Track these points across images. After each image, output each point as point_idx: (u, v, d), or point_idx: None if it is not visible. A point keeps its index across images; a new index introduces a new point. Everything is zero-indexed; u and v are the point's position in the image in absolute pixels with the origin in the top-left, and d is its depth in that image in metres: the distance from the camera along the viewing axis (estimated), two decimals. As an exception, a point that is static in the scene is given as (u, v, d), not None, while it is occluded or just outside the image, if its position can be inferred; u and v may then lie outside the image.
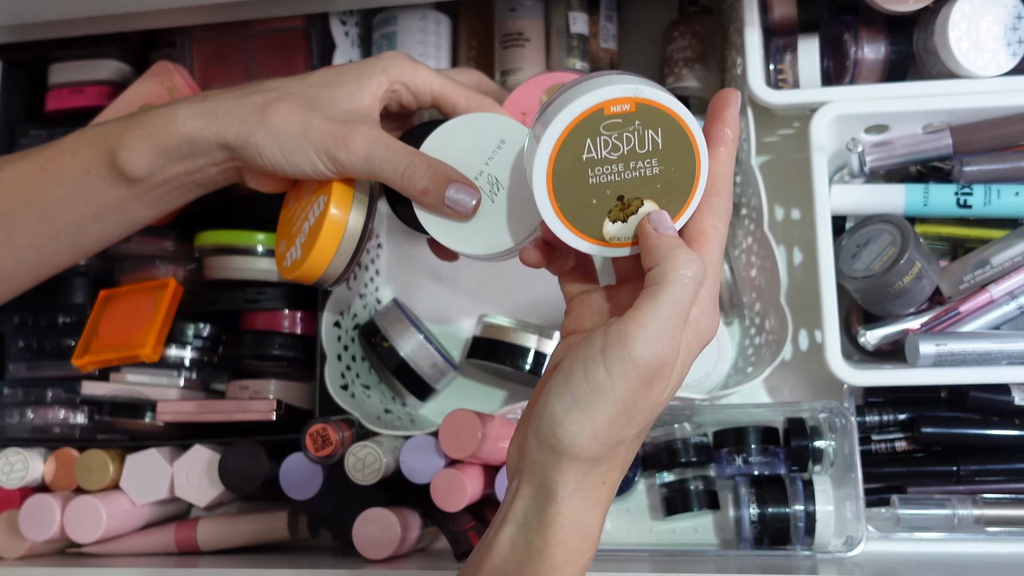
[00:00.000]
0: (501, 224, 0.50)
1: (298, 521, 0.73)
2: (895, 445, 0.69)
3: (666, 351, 0.39)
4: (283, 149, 0.52)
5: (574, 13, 0.77)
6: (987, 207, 0.67)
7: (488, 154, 0.51)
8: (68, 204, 0.55)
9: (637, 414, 0.41)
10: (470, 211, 0.50)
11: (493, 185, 0.50)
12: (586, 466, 0.41)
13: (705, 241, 0.42)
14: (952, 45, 0.66)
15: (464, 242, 0.50)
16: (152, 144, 0.53)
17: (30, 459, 0.71)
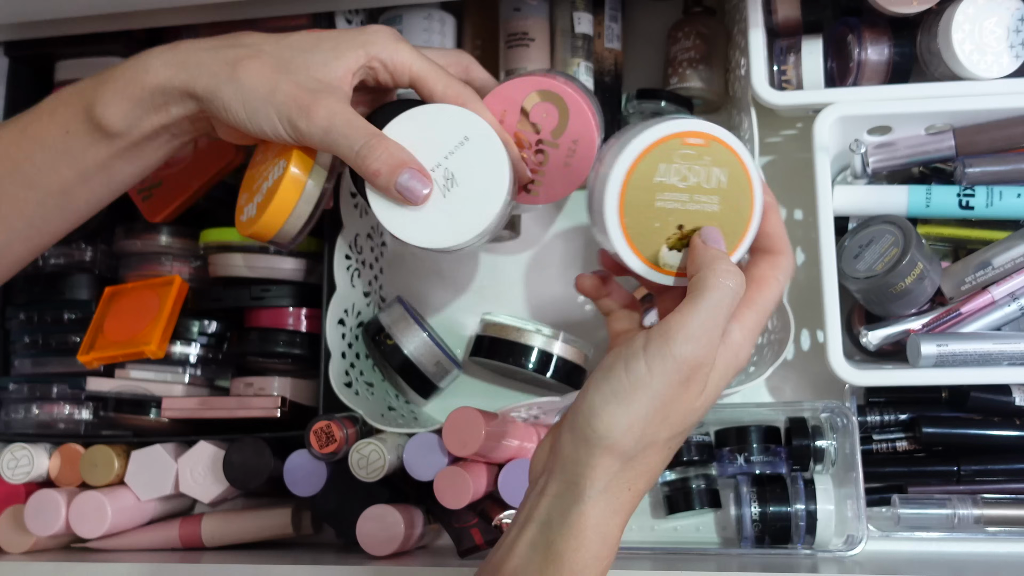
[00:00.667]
0: (448, 220, 0.50)
1: (302, 517, 0.73)
2: (896, 445, 0.70)
3: (703, 350, 0.42)
4: (247, 108, 0.51)
5: (579, 13, 0.77)
6: (989, 209, 0.67)
7: (450, 148, 0.51)
8: (52, 168, 0.54)
9: (672, 415, 0.42)
10: (419, 200, 0.50)
11: (448, 180, 0.50)
12: (618, 463, 0.42)
13: (765, 286, 0.45)
14: (955, 47, 0.66)
15: (405, 230, 0.51)
16: (127, 96, 0.52)
17: (35, 454, 0.71)
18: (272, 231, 0.54)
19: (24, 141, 0.54)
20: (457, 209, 0.50)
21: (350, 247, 0.74)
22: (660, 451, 0.43)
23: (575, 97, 0.54)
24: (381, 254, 0.80)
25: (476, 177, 0.50)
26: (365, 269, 0.76)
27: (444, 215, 0.50)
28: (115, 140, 0.53)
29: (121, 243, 0.76)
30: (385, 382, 0.77)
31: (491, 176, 0.50)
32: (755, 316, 0.44)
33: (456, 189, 0.50)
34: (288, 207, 0.53)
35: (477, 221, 0.50)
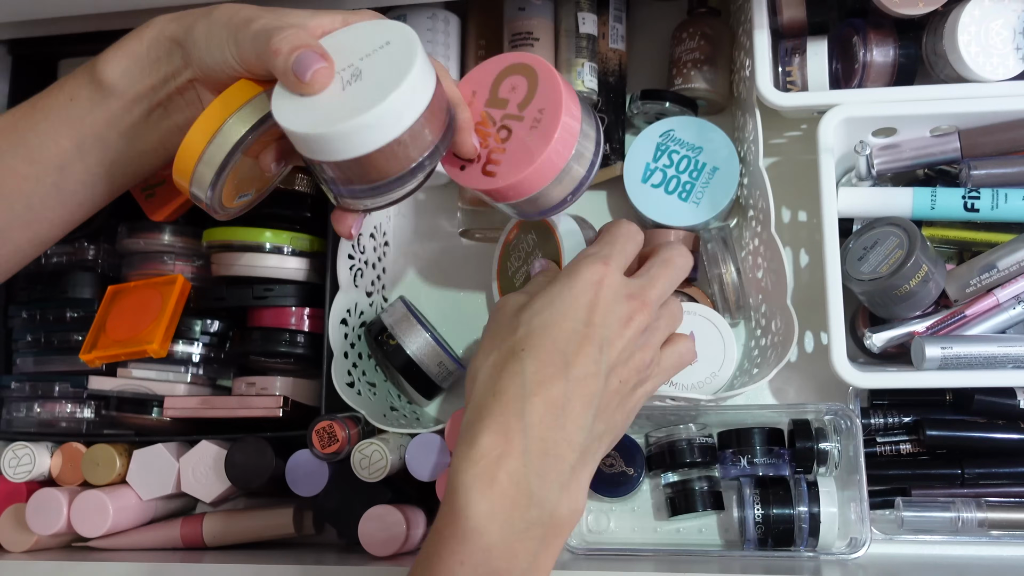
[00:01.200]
0: (337, 108, 0.46)
1: (303, 517, 0.73)
2: (900, 448, 0.70)
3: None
4: (208, 36, 0.51)
5: (583, 13, 0.77)
6: (994, 211, 0.67)
7: (368, 51, 0.48)
8: (52, 138, 0.55)
9: (499, 327, 0.51)
10: (306, 75, 0.46)
11: (355, 76, 0.47)
12: (474, 384, 0.51)
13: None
14: (961, 49, 0.66)
15: (295, 118, 0.47)
16: (126, 51, 0.53)
17: (37, 453, 0.71)
18: (184, 171, 0.50)
19: (33, 112, 0.55)
20: (350, 100, 0.46)
21: (353, 247, 0.74)
22: (501, 354, 0.49)
23: (547, 67, 0.51)
24: (384, 254, 0.80)
25: (383, 73, 0.46)
26: (368, 269, 0.76)
27: (335, 105, 0.46)
28: (111, 100, 0.54)
29: (124, 242, 0.76)
30: (387, 382, 0.77)
31: (398, 71, 0.46)
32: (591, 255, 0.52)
33: (358, 83, 0.47)
34: (201, 140, 0.49)
35: (362, 108, 0.45)
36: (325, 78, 0.47)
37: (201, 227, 0.75)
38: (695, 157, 0.74)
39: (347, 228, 0.55)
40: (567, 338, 0.48)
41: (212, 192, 0.51)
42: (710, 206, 0.73)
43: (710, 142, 0.74)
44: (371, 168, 0.47)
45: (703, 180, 0.73)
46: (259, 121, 0.50)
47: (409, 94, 0.46)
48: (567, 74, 0.76)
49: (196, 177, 0.50)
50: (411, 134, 0.46)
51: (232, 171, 0.50)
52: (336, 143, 0.46)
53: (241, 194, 0.55)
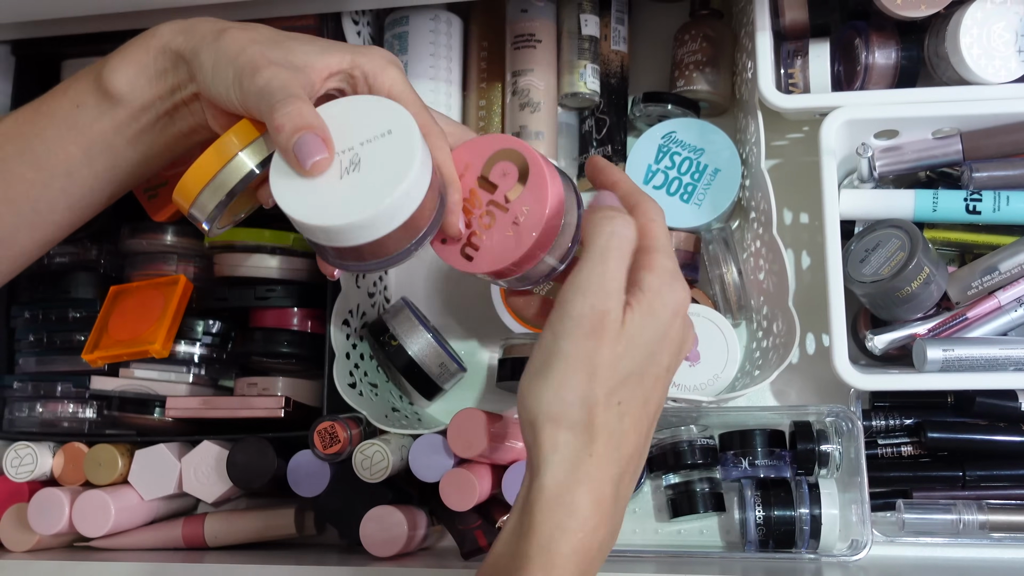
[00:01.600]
0: (332, 201, 0.46)
1: (305, 518, 0.73)
2: (901, 450, 0.70)
3: (596, 298, 0.43)
4: (215, 68, 0.50)
5: (586, 15, 0.77)
6: (996, 213, 0.67)
7: (368, 136, 0.48)
8: (59, 144, 0.54)
9: (598, 370, 0.43)
10: (307, 163, 0.46)
11: (353, 164, 0.47)
12: (562, 432, 0.43)
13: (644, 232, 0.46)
14: (963, 51, 0.66)
15: (290, 203, 0.46)
16: (133, 61, 0.53)
17: (39, 453, 0.71)
18: (187, 196, 0.50)
19: (38, 118, 0.55)
20: (347, 192, 0.46)
21: (355, 248, 0.74)
22: (607, 409, 0.43)
23: (540, 165, 0.49)
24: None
25: (381, 168, 0.46)
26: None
27: (332, 195, 0.46)
28: (119, 108, 0.54)
29: (126, 242, 0.76)
30: (389, 383, 0.77)
31: (396, 171, 0.46)
32: (656, 255, 0.46)
33: (356, 174, 0.47)
34: (207, 172, 0.49)
35: (358, 208, 0.45)
36: (324, 167, 0.47)
37: (203, 228, 0.75)
38: (697, 159, 0.74)
39: (329, 270, 0.55)
40: (651, 386, 0.46)
41: (212, 221, 0.51)
42: (712, 208, 0.73)
43: (712, 144, 0.74)
44: (363, 252, 0.48)
45: (705, 182, 0.73)
46: (267, 158, 0.50)
47: (406, 195, 0.46)
48: (569, 75, 0.76)
49: (199, 202, 0.50)
50: (404, 227, 0.47)
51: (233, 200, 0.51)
52: (330, 234, 0.46)
53: (233, 216, 0.55)
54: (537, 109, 0.75)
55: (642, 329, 0.44)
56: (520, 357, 0.72)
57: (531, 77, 0.75)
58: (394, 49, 0.77)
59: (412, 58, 0.76)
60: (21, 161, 0.55)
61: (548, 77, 0.76)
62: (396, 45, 0.77)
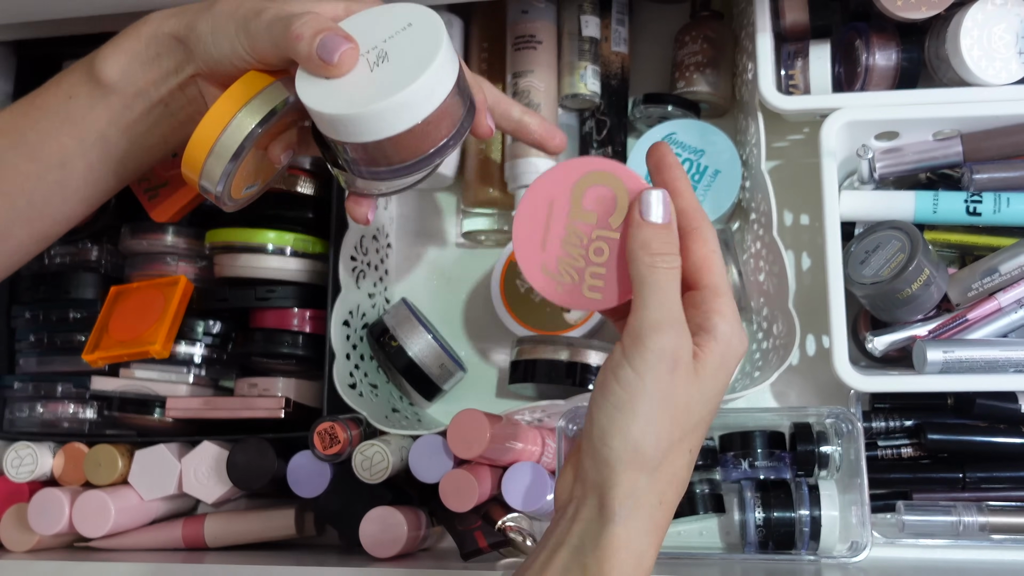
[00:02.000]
0: (367, 89, 0.46)
1: (305, 519, 0.73)
2: (901, 451, 0.70)
3: (671, 333, 0.42)
4: (214, 30, 0.50)
5: (586, 16, 0.77)
6: (997, 215, 0.67)
7: (390, 33, 0.48)
8: (53, 136, 0.54)
9: (676, 409, 0.42)
10: (334, 56, 0.46)
11: (381, 57, 0.47)
12: (642, 476, 0.42)
13: (708, 266, 0.45)
14: (964, 53, 0.66)
15: (324, 101, 0.46)
16: (124, 49, 0.53)
17: (39, 453, 0.71)
18: (194, 166, 0.50)
19: (31, 110, 0.55)
20: (379, 80, 0.46)
21: (355, 248, 0.74)
22: (680, 453, 0.43)
23: (629, 173, 0.46)
24: (387, 255, 0.80)
25: (410, 53, 0.46)
26: (370, 270, 0.76)
27: (364, 86, 0.46)
28: (111, 97, 0.53)
29: (127, 242, 0.76)
30: (389, 384, 0.77)
31: (426, 50, 0.45)
32: (728, 301, 0.44)
33: (385, 64, 0.46)
34: (209, 137, 0.49)
35: (395, 86, 0.45)
36: (352, 59, 0.47)
37: (204, 228, 0.75)
38: (697, 160, 0.74)
39: (363, 213, 0.55)
40: (704, 435, 0.45)
41: (222, 185, 0.50)
42: (712, 209, 0.73)
43: (712, 145, 0.74)
44: (399, 148, 0.47)
45: (705, 183, 0.73)
46: (269, 113, 0.49)
47: (439, 72, 0.45)
48: (570, 76, 0.77)
49: (206, 170, 0.50)
50: (439, 113, 0.46)
51: (241, 165, 0.50)
52: (368, 123, 0.45)
53: (248, 185, 0.54)
54: (537, 110, 0.75)
55: (715, 379, 0.43)
56: (534, 359, 0.71)
57: (531, 78, 0.75)
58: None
59: (413, 59, 0.76)
60: (16, 153, 0.55)
61: (548, 78, 0.76)
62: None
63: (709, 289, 0.44)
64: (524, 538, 0.65)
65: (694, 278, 0.45)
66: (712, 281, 0.44)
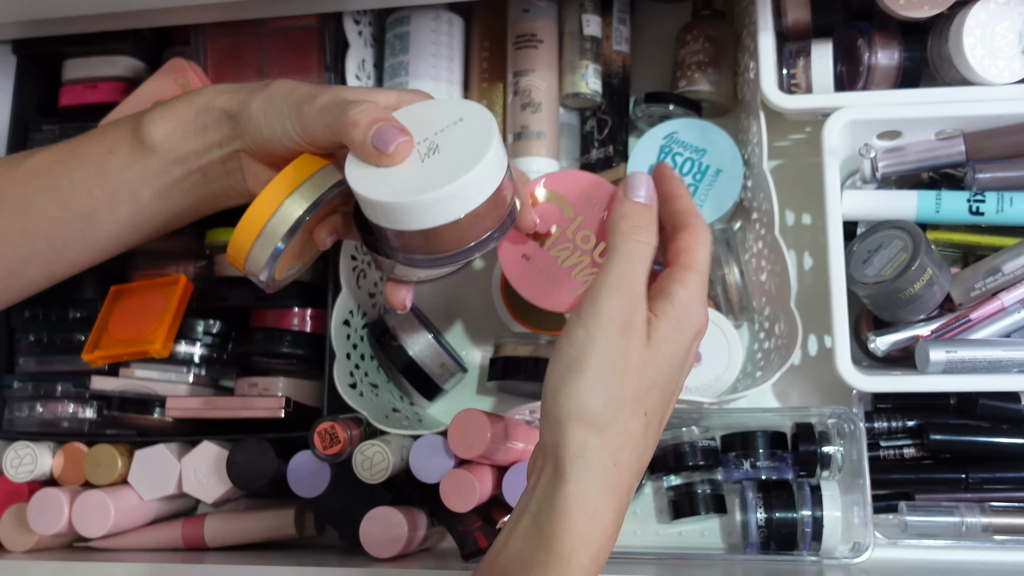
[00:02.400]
0: (417, 179, 0.46)
1: (305, 519, 0.73)
2: (903, 452, 0.69)
3: (627, 299, 0.44)
4: (267, 110, 0.51)
5: (587, 15, 0.77)
6: (999, 214, 0.67)
7: (442, 126, 0.49)
8: (85, 186, 0.55)
9: (628, 371, 0.43)
10: (390, 147, 0.47)
11: (432, 149, 0.48)
12: (591, 434, 0.42)
13: (688, 249, 0.47)
14: (966, 52, 0.65)
15: (373, 187, 0.47)
16: (173, 115, 0.54)
17: (39, 453, 0.71)
18: (240, 251, 0.50)
19: (70, 158, 0.56)
20: (429, 170, 0.47)
21: (356, 248, 0.74)
22: (632, 414, 0.43)
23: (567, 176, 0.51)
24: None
25: (461, 146, 0.47)
26: (371, 270, 0.76)
27: (414, 176, 0.47)
28: (151, 158, 0.54)
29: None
30: (390, 383, 0.77)
31: (477, 148, 0.46)
32: (695, 276, 0.46)
33: (436, 156, 0.47)
34: (256, 224, 0.49)
35: (446, 176, 0.46)
36: (406, 151, 0.47)
37: (203, 228, 0.75)
38: (699, 159, 0.74)
39: (401, 299, 0.55)
40: (668, 402, 0.46)
41: (268, 272, 0.51)
42: (714, 208, 0.73)
43: (714, 144, 0.74)
44: (443, 239, 0.47)
45: (707, 182, 0.73)
46: (316, 201, 0.50)
47: (489, 167, 0.46)
48: (571, 75, 0.76)
49: (252, 256, 0.50)
50: (485, 207, 0.47)
51: (288, 250, 0.51)
52: (415, 213, 0.46)
53: (290, 267, 0.55)
54: (538, 109, 0.75)
55: (668, 341, 0.44)
56: (512, 356, 0.71)
57: (533, 77, 0.75)
58: (395, 49, 0.77)
59: (413, 58, 0.76)
60: (46, 197, 0.56)
61: (550, 77, 0.76)
62: (397, 45, 0.77)
63: (680, 264, 0.46)
64: (525, 538, 0.64)
65: (672, 260, 0.47)
66: (687, 260, 0.46)
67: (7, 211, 0.56)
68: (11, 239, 0.56)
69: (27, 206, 0.56)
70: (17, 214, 0.56)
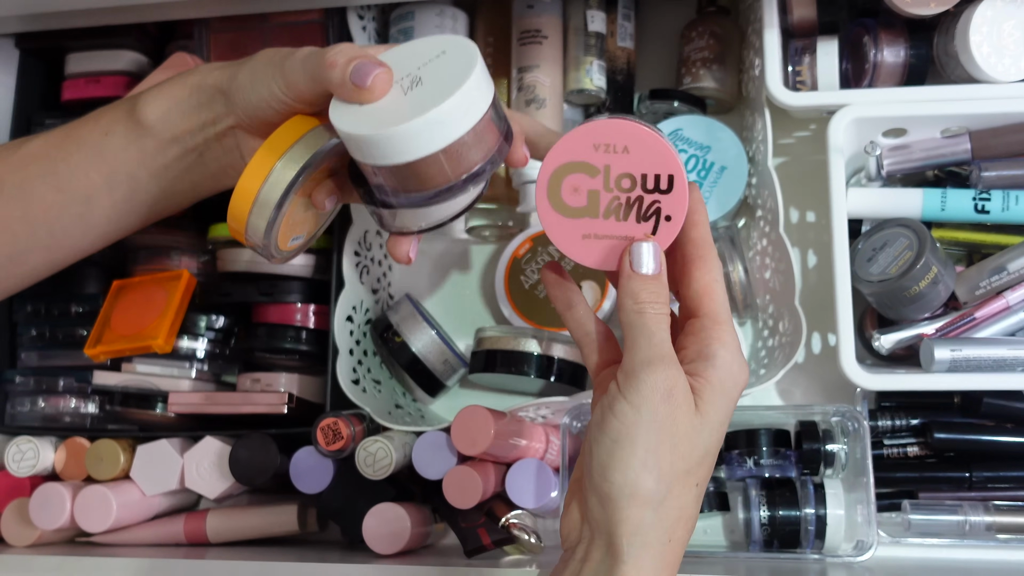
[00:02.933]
0: (400, 111, 0.46)
1: (307, 514, 0.73)
2: (907, 450, 0.69)
3: (663, 367, 0.41)
4: (253, 76, 0.51)
5: (592, 11, 0.77)
6: (1005, 213, 0.67)
7: (424, 60, 0.48)
8: (83, 169, 0.55)
9: (677, 441, 0.41)
10: (366, 81, 0.46)
11: (415, 82, 0.47)
12: (647, 511, 0.41)
13: (709, 294, 0.44)
14: (973, 49, 0.65)
15: (356, 124, 0.46)
16: (168, 95, 0.54)
17: (41, 447, 0.71)
18: (239, 220, 0.50)
19: (66, 142, 0.56)
20: (413, 102, 0.46)
21: (359, 244, 0.73)
22: (685, 487, 0.42)
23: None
24: (390, 251, 0.80)
25: (443, 77, 0.46)
26: (374, 266, 0.76)
27: (397, 108, 0.46)
28: (147, 139, 0.54)
29: (130, 237, 0.76)
30: (392, 380, 0.77)
31: (459, 74, 0.45)
32: (728, 329, 0.44)
33: (419, 88, 0.46)
34: (250, 192, 0.49)
35: (428, 107, 0.44)
36: (384, 83, 0.47)
37: (207, 223, 0.75)
38: (703, 156, 0.73)
39: (404, 253, 0.54)
40: (711, 466, 0.44)
41: (269, 236, 0.50)
42: (718, 205, 0.73)
43: (719, 141, 0.73)
44: (432, 172, 0.46)
45: (711, 179, 0.73)
46: (310, 159, 0.49)
47: (472, 93, 0.45)
48: (575, 72, 0.76)
49: (251, 223, 0.50)
50: (473, 136, 0.46)
51: (286, 214, 0.50)
52: (399, 143, 0.45)
53: (295, 236, 0.54)
54: (543, 105, 0.75)
55: (716, 407, 0.42)
56: (495, 350, 0.71)
57: (537, 73, 0.75)
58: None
59: (417, 53, 0.76)
60: (44, 183, 0.55)
61: (554, 73, 0.76)
62: (401, 39, 0.76)
63: (709, 317, 0.44)
64: (528, 535, 0.64)
65: (695, 305, 0.44)
66: (713, 309, 0.44)
67: (5, 197, 0.56)
68: (10, 226, 0.56)
69: (25, 192, 0.55)
70: (16, 200, 0.55)
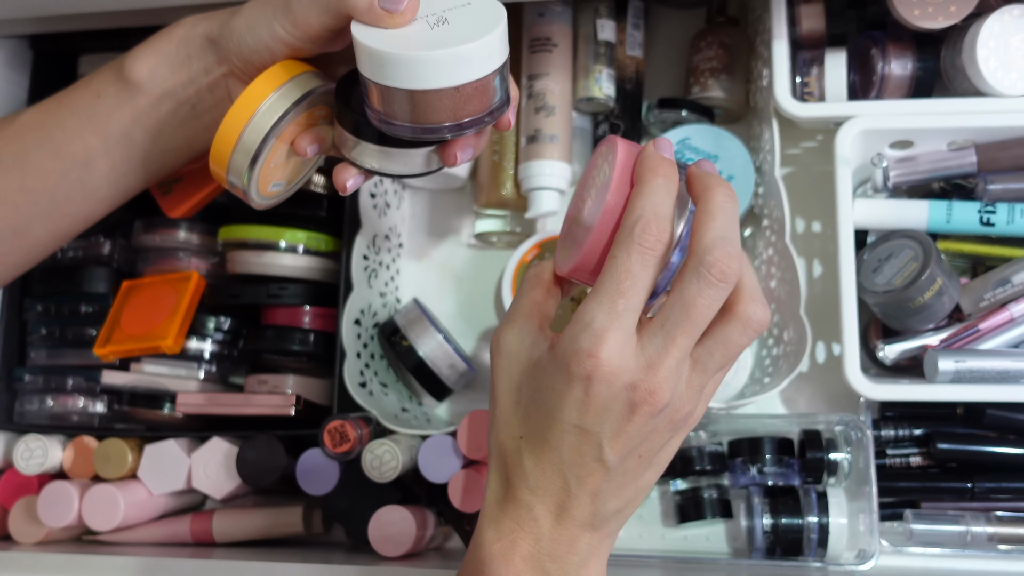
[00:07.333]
0: (425, 40, 0.46)
1: (313, 516, 0.73)
2: (910, 460, 0.70)
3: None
4: (250, 21, 0.50)
5: (602, 20, 0.77)
6: (1010, 226, 0.67)
7: (452, 6, 0.48)
8: (78, 133, 0.55)
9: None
10: (400, 5, 0.46)
11: (440, 21, 0.47)
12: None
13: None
14: (980, 63, 0.66)
15: (381, 41, 0.46)
16: (155, 49, 0.53)
17: (49, 446, 0.71)
18: (221, 161, 0.50)
19: (59, 108, 0.56)
20: (439, 36, 0.46)
21: (368, 247, 0.74)
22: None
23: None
24: (398, 255, 0.80)
25: (470, 23, 0.47)
26: (382, 270, 0.77)
27: (422, 38, 0.46)
28: (138, 97, 0.54)
29: (140, 237, 0.76)
30: (399, 383, 0.77)
31: (487, 23, 0.46)
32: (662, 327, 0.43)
33: (445, 26, 0.47)
34: (234, 131, 0.49)
35: (460, 43, 0.45)
36: (415, 8, 0.47)
37: (217, 224, 0.76)
38: (711, 165, 0.74)
39: (344, 181, 0.53)
40: (559, 437, 0.43)
41: (250, 175, 0.50)
42: (725, 215, 0.73)
43: (726, 151, 0.74)
44: (432, 107, 0.47)
45: (718, 188, 0.73)
46: (299, 98, 0.49)
47: (495, 44, 0.46)
48: (585, 80, 0.77)
49: (233, 162, 0.50)
50: (482, 84, 0.47)
51: (269, 155, 0.50)
52: (419, 69, 0.46)
53: (275, 182, 0.54)
54: (552, 113, 0.75)
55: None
56: None
57: (546, 81, 0.75)
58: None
59: (428, 59, 0.76)
60: (40, 151, 0.55)
61: (563, 81, 0.76)
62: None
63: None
64: (532, 540, 0.65)
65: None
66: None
67: (4, 169, 0.56)
68: (11, 197, 0.56)
69: (23, 162, 0.56)
70: (14, 171, 0.56)
